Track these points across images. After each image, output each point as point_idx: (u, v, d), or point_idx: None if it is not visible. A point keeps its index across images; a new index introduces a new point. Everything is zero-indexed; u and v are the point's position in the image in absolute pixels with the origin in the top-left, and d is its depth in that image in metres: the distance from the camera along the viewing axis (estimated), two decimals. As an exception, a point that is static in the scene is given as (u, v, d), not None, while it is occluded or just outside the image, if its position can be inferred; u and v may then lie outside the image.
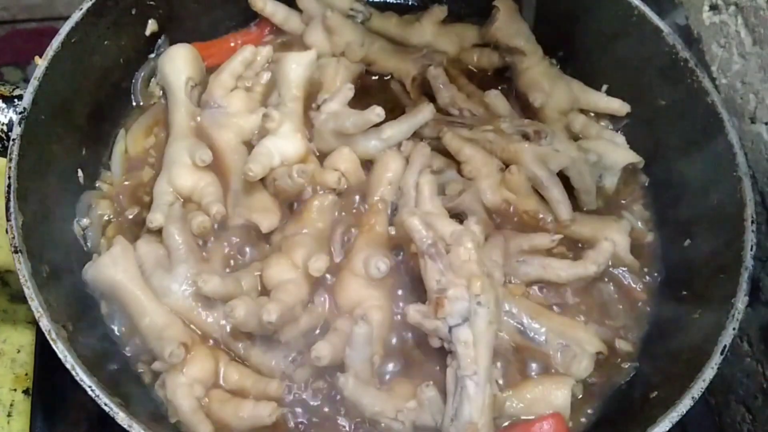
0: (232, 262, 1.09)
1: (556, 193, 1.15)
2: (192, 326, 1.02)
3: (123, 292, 1.01)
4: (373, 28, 1.32)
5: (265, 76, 1.21)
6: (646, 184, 1.27)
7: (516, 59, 1.27)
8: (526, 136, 1.18)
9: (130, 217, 1.14)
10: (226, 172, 1.12)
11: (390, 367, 1.03)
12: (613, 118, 1.31)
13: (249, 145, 1.14)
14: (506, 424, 1.00)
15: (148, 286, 1.02)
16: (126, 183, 1.18)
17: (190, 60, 1.21)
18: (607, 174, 1.23)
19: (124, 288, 1.01)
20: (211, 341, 1.02)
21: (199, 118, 1.16)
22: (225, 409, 0.96)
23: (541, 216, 1.16)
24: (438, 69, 1.23)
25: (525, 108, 1.29)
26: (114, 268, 1.02)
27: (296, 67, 1.16)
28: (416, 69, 1.27)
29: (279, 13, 1.31)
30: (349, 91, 1.15)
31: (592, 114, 1.30)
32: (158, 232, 1.07)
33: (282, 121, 1.11)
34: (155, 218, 1.07)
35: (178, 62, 1.20)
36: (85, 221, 1.12)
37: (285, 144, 1.11)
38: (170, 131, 1.17)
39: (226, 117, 1.15)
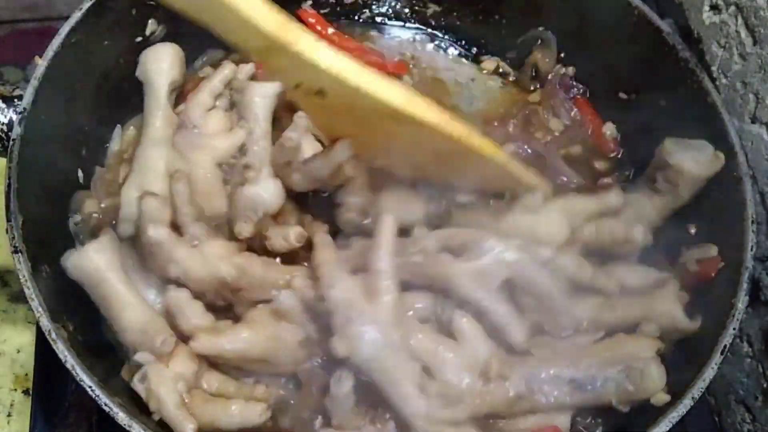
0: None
1: (502, 315, 0.95)
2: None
3: (105, 282, 0.97)
4: None
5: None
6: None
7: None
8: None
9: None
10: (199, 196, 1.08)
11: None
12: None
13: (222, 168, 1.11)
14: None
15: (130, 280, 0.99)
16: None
17: (176, 62, 1.18)
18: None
19: (106, 278, 0.97)
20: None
21: (175, 136, 1.13)
22: (208, 409, 0.93)
23: None
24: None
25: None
26: (99, 256, 0.97)
27: (261, 99, 1.12)
28: None
29: None
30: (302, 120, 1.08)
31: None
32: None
33: (260, 168, 1.07)
34: (125, 229, 1.05)
35: (163, 63, 1.17)
36: (77, 218, 1.10)
37: (264, 193, 1.07)
38: (144, 132, 1.13)
39: (201, 138, 1.12)
